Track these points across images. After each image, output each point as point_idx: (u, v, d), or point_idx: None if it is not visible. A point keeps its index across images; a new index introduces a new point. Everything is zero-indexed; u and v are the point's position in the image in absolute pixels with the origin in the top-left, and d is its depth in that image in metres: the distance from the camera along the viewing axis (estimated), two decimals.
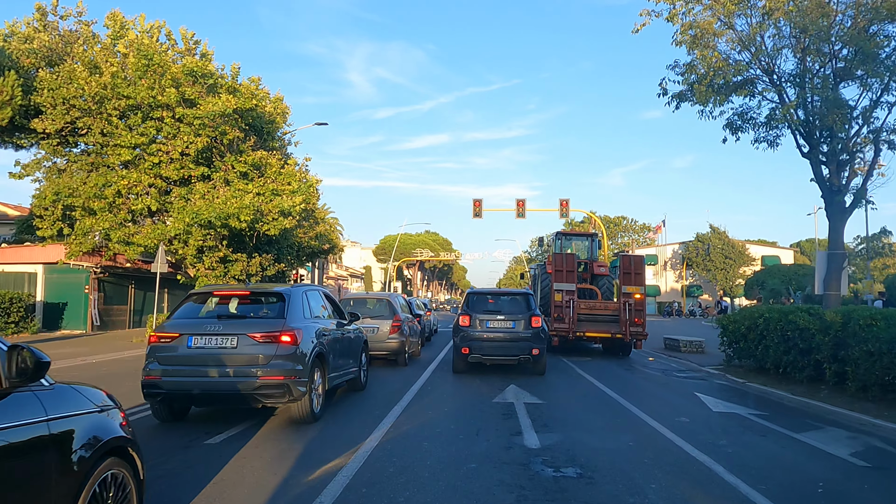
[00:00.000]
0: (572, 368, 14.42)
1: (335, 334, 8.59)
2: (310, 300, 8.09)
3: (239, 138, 23.67)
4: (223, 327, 6.94)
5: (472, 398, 9.74)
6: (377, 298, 14.83)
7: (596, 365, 15.53)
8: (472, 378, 12.14)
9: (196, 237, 22.22)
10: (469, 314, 12.54)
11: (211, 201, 22.09)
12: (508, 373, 12.91)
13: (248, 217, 22.07)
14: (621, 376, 13.47)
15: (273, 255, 27.71)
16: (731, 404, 9.74)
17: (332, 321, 8.83)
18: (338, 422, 7.75)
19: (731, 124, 11.65)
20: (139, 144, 22.22)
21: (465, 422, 7.83)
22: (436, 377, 12.27)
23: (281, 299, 7.49)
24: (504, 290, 14.31)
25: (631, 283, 17.36)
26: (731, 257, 65.42)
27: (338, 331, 8.79)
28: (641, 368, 15.22)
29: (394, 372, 13.12)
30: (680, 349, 19.00)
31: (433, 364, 14.69)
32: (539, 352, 12.24)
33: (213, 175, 23.46)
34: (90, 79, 21.31)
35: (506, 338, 12.29)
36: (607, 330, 17.22)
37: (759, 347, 12.91)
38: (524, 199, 37.28)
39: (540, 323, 12.44)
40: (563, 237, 22.00)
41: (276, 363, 6.86)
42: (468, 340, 12.32)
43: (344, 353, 8.90)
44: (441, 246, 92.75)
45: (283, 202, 23.29)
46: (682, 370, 15.10)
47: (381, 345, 13.67)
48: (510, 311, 12.67)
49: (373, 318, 13.83)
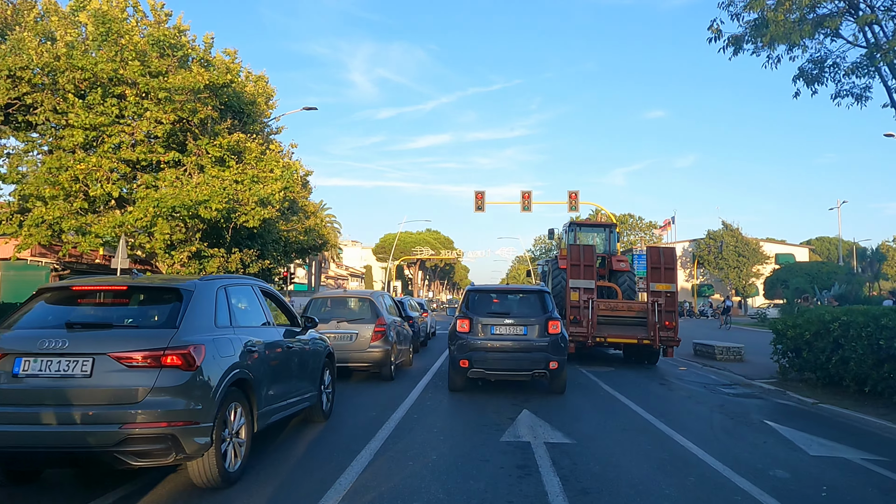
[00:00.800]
0: (595, 383, 11.80)
1: (276, 349, 6.00)
2: (231, 299, 5.49)
3: (213, 118, 21.05)
4: (71, 343, 4.34)
5: (473, 434, 7.12)
6: (358, 298, 12.22)
7: (622, 378, 12.89)
8: (473, 399, 9.54)
9: (162, 228, 19.65)
10: (469, 317, 9.92)
11: (180, 188, 19.52)
12: (518, 391, 10.31)
13: (221, 206, 19.47)
14: (659, 394, 10.85)
15: (256, 250, 25.15)
16: (826, 442, 7.11)
17: (275, 330, 6.23)
18: (267, 483, 5.15)
19: (807, 74, 9.10)
20: (98, 125, 19.56)
21: (461, 483, 5.21)
22: (427, 398, 9.65)
23: (177, 298, 4.89)
24: (513, 286, 11.62)
25: (660, 280, 14.73)
26: (745, 255, 62.74)
27: (282, 343, 6.20)
28: (678, 382, 12.59)
29: (375, 390, 10.51)
30: (715, 357, 16.37)
31: (426, 377, 12.08)
32: (558, 365, 9.62)
33: (185, 160, 20.86)
34: (40, 48, 18.73)
35: (516, 347, 9.67)
36: (632, 334, 14.60)
37: (834, 359, 10.29)
38: (529, 190, 34.63)
39: (559, 328, 9.82)
40: (577, 228, 19.34)
41: (157, 401, 4.28)
42: (468, 351, 9.70)
43: (290, 374, 6.31)
44: (442, 244, 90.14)
45: (261, 190, 20.72)
46: (728, 384, 12.48)
47: (360, 355, 11.08)
48: (521, 314, 10.06)
49: (350, 322, 11.23)
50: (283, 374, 6.07)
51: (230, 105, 22.28)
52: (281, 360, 6.07)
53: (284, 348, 6.20)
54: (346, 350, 11.06)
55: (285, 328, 6.71)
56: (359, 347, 11.08)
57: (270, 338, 5.95)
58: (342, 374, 11.84)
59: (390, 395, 9.85)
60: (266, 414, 5.57)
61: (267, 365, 5.67)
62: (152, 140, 21.36)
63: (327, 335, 11.02)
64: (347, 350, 11.06)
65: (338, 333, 11.09)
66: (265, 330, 5.97)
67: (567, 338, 10.08)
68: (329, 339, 11.06)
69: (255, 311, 6.01)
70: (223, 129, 21.32)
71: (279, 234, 27.71)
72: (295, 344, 6.57)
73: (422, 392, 10.21)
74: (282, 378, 6.03)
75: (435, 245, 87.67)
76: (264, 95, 25.54)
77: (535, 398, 9.67)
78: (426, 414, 8.26)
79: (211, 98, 20.65)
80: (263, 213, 21.36)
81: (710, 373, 14.36)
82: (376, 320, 11.28)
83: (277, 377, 5.91)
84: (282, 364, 6.07)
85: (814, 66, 9.13)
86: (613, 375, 13.16)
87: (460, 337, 9.83)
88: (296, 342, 6.62)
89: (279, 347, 6.09)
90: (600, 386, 11.43)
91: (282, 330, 6.48)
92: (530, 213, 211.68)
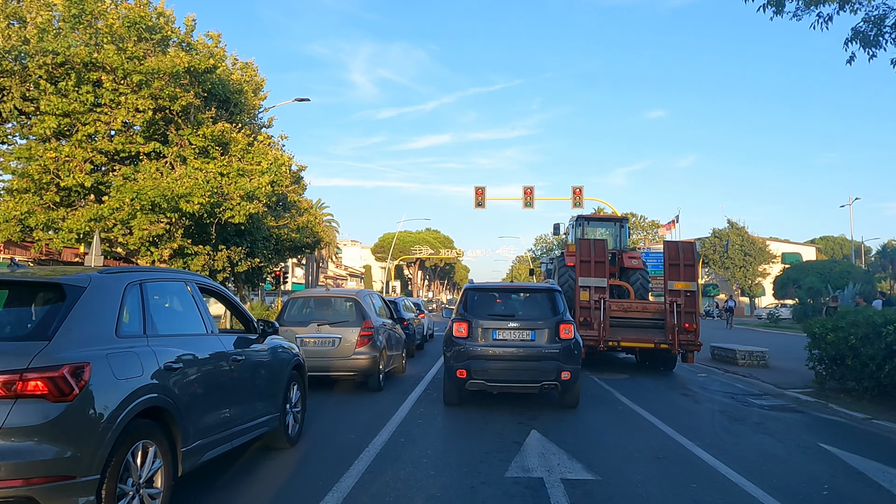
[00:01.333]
0: (610, 394, 10.44)
1: (216, 363, 4.65)
2: (149, 299, 4.13)
3: (196, 106, 19.69)
4: None
5: (471, 467, 5.76)
6: (341, 298, 10.85)
7: (639, 387, 11.54)
8: (471, 417, 8.19)
9: (141, 223, 18.31)
10: (467, 320, 8.55)
11: (160, 180, 18.18)
12: (524, 404, 8.96)
13: (204, 199, 18.13)
14: (685, 408, 9.48)
15: (245, 248, 23.79)
16: None
17: (216, 339, 4.86)
18: None
19: (863, 35, 7.76)
20: (72, 112, 18.19)
21: None
22: (418, 415, 8.29)
23: (59, 298, 3.55)
24: (518, 284, 10.24)
25: (679, 278, 13.39)
26: (751, 254, 61.36)
27: (227, 356, 4.84)
28: (701, 392, 11.23)
29: (359, 403, 9.16)
30: (736, 362, 15.01)
31: (420, 387, 10.73)
32: (571, 376, 8.25)
33: (166, 151, 19.51)
34: (8, 31, 17.40)
35: (522, 355, 8.30)
36: (649, 338, 13.24)
37: (888, 367, 8.94)
38: (532, 186, 33.22)
39: (572, 333, 8.46)
40: (585, 222, 17.94)
41: (7, 448, 2.92)
42: (466, 359, 8.34)
43: (238, 394, 4.95)
44: (442, 244, 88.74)
45: (247, 184, 19.37)
46: (758, 394, 11.13)
47: (343, 362, 9.72)
48: (528, 316, 8.69)
49: (333, 326, 9.87)
50: (226, 395, 4.72)
51: (214, 93, 20.90)
52: (224, 377, 4.71)
53: (230, 362, 4.84)
54: (327, 357, 9.72)
55: (237, 335, 5.36)
56: (342, 354, 9.73)
57: (208, 349, 4.59)
58: (324, 384, 10.51)
59: (376, 410, 8.49)
60: (197, 451, 4.21)
61: (200, 385, 4.32)
62: (131, 130, 20.06)
63: (306, 340, 9.71)
64: (329, 357, 9.72)
65: (318, 338, 9.75)
66: (201, 340, 4.61)
67: (581, 344, 8.71)
68: (308, 344, 9.77)
69: (188, 314, 4.66)
70: (207, 118, 19.96)
71: (269, 231, 26.36)
72: (247, 355, 5.21)
73: (413, 406, 8.85)
74: (224, 400, 4.68)
75: (434, 244, 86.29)
76: (252, 84, 24.21)
77: (544, 414, 8.32)
78: (416, 437, 6.89)
79: (192, 84, 19.31)
80: (250, 208, 19.99)
81: (734, 380, 13.00)
82: (362, 323, 9.92)
83: (217, 400, 4.57)
84: (225, 383, 4.72)
85: (871, 25, 7.81)
86: (629, 384, 11.80)
87: (457, 343, 8.46)
88: (249, 353, 5.27)
89: (222, 361, 4.73)
90: (616, 398, 10.07)
91: (230, 338, 5.13)
92: (531, 214, 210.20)
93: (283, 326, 9.91)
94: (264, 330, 5.68)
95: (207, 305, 4.94)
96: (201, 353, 4.44)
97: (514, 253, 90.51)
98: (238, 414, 4.90)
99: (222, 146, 20.27)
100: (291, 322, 10.02)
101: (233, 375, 4.85)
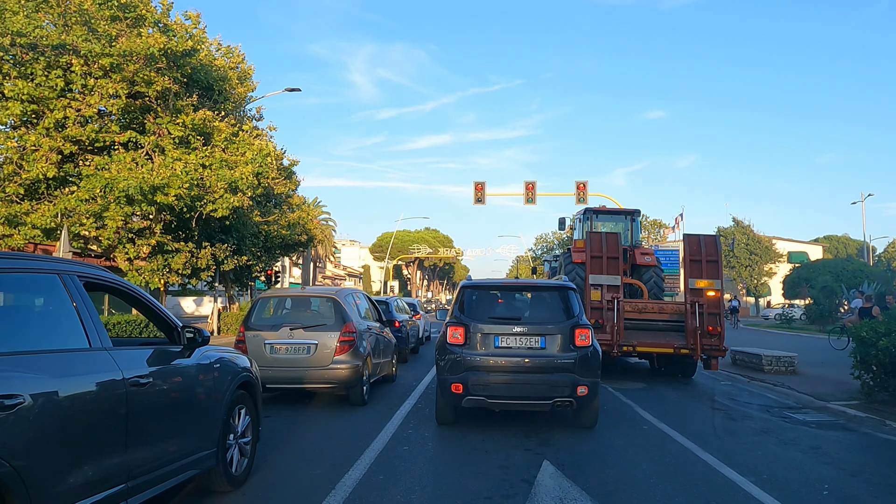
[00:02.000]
0: (630, 409, 9.04)
1: (109, 389, 3.26)
2: None
3: (174, 92, 18.31)
4: None
5: None
6: (319, 297, 9.42)
7: (661, 399, 10.15)
8: (468, 440, 6.79)
9: (115, 216, 16.94)
10: (464, 323, 7.14)
11: (134, 170, 16.80)
12: (531, 423, 7.57)
13: (181, 190, 16.76)
14: (722, 427, 8.05)
15: (231, 245, 22.39)
16: None
17: (105, 357, 3.42)
18: None
19: None
20: (40, 98, 16.79)
21: None
22: (406, 438, 6.89)
23: None
24: (525, 281, 8.76)
25: (701, 275, 12.00)
26: (757, 253, 59.93)
27: (130, 380, 3.44)
28: (732, 405, 9.83)
29: (336, 422, 7.76)
30: (762, 368, 13.62)
31: (410, 399, 9.33)
32: (589, 390, 6.85)
33: (143, 141, 18.11)
34: None
35: (530, 366, 6.90)
36: (668, 342, 11.86)
37: None
38: (534, 181, 31.77)
39: (590, 339, 7.06)
40: (594, 216, 16.52)
41: None
42: (462, 370, 6.93)
43: (145, 430, 3.55)
44: (441, 243, 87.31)
45: (229, 174, 17.99)
46: (796, 407, 9.74)
47: (320, 373, 8.31)
48: (537, 318, 7.28)
49: (308, 330, 8.46)
50: (118, 435, 3.32)
51: (196, 79, 19.51)
52: (116, 410, 3.32)
53: (128, 387, 3.43)
54: (301, 366, 8.33)
55: (152, 349, 3.96)
56: (319, 363, 8.32)
57: (88, 371, 3.19)
58: (298, 398, 9.12)
59: (355, 431, 7.10)
60: None
61: (68, 427, 2.93)
62: (106, 118, 18.69)
63: (277, 346, 8.32)
64: (304, 366, 8.32)
65: (290, 344, 8.35)
66: (77, 359, 3.20)
67: (600, 352, 7.30)
68: (279, 351, 8.37)
69: (60, 322, 3.26)
70: (187, 105, 18.56)
71: (258, 228, 24.96)
72: (161, 376, 3.81)
73: (400, 426, 7.45)
74: (116, 444, 3.29)
75: (433, 244, 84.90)
76: (239, 72, 22.80)
77: (556, 437, 6.92)
78: (398, 473, 5.49)
79: (170, 68, 17.91)
80: (233, 201, 18.60)
81: (764, 389, 11.61)
82: (342, 327, 8.51)
83: (101, 445, 3.17)
84: (117, 418, 3.32)
85: None
86: (648, 396, 10.40)
87: (452, 351, 7.06)
88: (164, 373, 3.88)
89: (113, 387, 3.32)
90: (638, 413, 8.67)
91: (133, 354, 3.74)
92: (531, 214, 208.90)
93: (251, 331, 8.54)
94: (194, 339, 4.27)
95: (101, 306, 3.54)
96: (72, 379, 3.04)
97: (514, 252, 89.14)
98: (141, 460, 3.51)
99: (204, 136, 18.88)
100: (260, 325, 8.63)
101: (132, 406, 3.45)
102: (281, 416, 7.87)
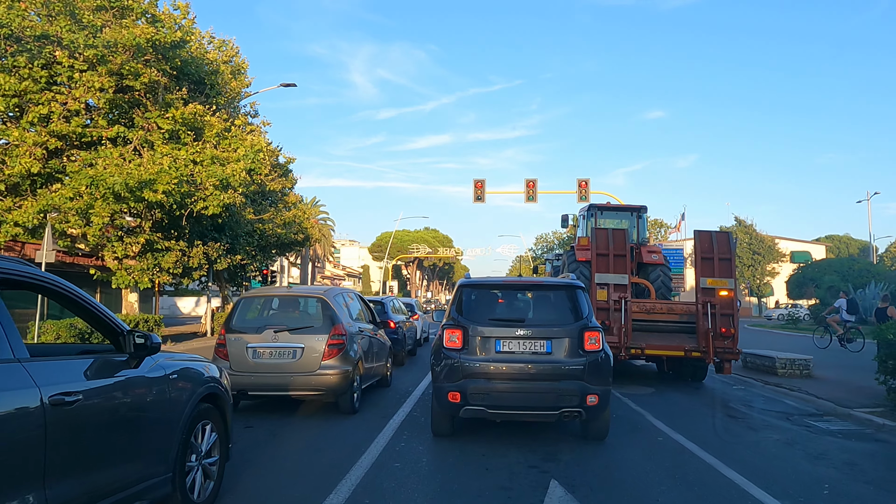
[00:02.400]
0: (641, 417, 8.40)
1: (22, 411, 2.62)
2: None
3: (163, 85, 17.69)
4: None
5: None
6: (306, 297, 8.78)
7: (673, 406, 9.51)
8: (467, 455, 6.15)
9: (101, 213, 16.30)
10: (461, 326, 6.50)
11: (122, 166, 16.19)
12: (536, 435, 6.94)
13: (169, 187, 16.11)
14: (742, 438, 7.41)
15: (225, 243, 21.76)
16: None
17: (25, 368, 2.80)
18: None
19: None
20: (23, 91, 16.15)
21: None
22: (397, 453, 6.25)
23: None
24: (528, 279, 8.12)
25: (713, 274, 11.37)
26: (760, 253, 59.28)
27: (52, 397, 2.81)
28: (751, 413, 9.20)
29: (322, 434, 7.12)
30: (775, 371, 12.98)
31: (406, 405, 8.70)
32: (599, 399, 6.22)
33: (131, 136, 17.49)
34: None
35: (534, 373, 6.26)
36: (678, 345, 11.23)
37: None
38: (535, 179, 31.13)
39: (600, 342, 6.42)
40: (599, 212, 15.88)
41: None
42: (460, 378, 6.29)
43: (74, 457, 2.93)
44: (440, 243, 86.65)
45: (219, 170, 17.35)
46: (817, 414, 9.11)
47: (306, 379, 7.67)
48: (542, 320, 6.65)
49: (294, 333, 7.82)
50: (36, 465, 2.69)
51: (186, 71, 18.86)
52: (32, 435, 2.68)
53: (50, 406, 2.80)
54: (286, 372, 7.69)
55: (91, 359, 3.33)
56: (305, 368, 7.68)
57: None
58: (283, 406, 8.47)
59: (342, 444, 6.46)
60: None
61: None
62: (93, 112, 18.04)
63: (260, 350, 7.70)
64: (289, 372, 7.68)
65: (274, 348, 7.71)
66: None
67: (611, 357, 6.66)
68: (262, 356, 7.74)
69: None
70: (177, 98, 17.94)
71: (252, 226, 24.32)
72: (97, 392, 3.18)
73: (393, 437, 6.82)
74: (33, 475, 2.65)
75: (433, 243, 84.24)
76: (233, 66, 22.16)
77: (563, 451, 6.28)
78: (387, 496, 4.84)
79: (158, 60, 17.28)
80: (225, 198, 17.96)
81: (780, 394, 10.97)
82: (331, 329, 7.87)
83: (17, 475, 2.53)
84: (35, 444, 2.69)
85: None
86: (659, 402, 9.77)
87: (449, 356, 6.42)
88: (101, 388, 3.24)
89: (27, 408, 2.69)
90: (650, 422, 8.03)
91: (60, 366, 3.11)
92: (531, 213, 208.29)
93: (233, 333, 7.90)
94: (143, 346, 3.64)
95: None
96: None
97: (514, 252, 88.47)
98: (65, 495, 2.87)
99: (195, 131, 18.25)
100: (242, 327, 7.99)
101: (53, 429, 2.81)
102: (263, 428, 7.24)
